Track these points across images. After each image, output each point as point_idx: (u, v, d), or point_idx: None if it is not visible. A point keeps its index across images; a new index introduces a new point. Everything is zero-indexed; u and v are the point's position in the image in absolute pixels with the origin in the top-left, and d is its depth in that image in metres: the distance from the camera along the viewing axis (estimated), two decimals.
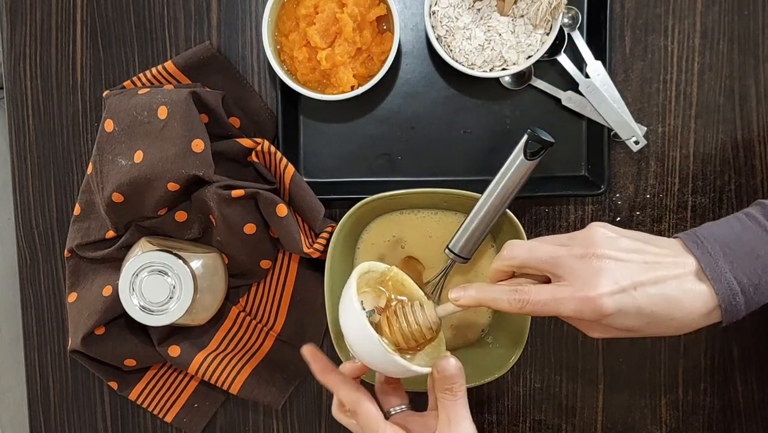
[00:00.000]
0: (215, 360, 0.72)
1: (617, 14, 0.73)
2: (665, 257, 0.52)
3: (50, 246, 0.77)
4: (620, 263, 0.51)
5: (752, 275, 0.50)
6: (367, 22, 0.68)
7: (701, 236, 0.52)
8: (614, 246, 0.51)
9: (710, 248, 0.51)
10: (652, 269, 0.51)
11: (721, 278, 0.50)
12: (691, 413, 0.76)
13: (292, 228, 0.68)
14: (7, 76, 0.76)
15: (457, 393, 0.55)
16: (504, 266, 0.55)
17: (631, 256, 0.51)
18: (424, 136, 0.75)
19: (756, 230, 0.52)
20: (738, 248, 0.51)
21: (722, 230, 0.53)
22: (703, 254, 0.51)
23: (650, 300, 0.50)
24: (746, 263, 0.51)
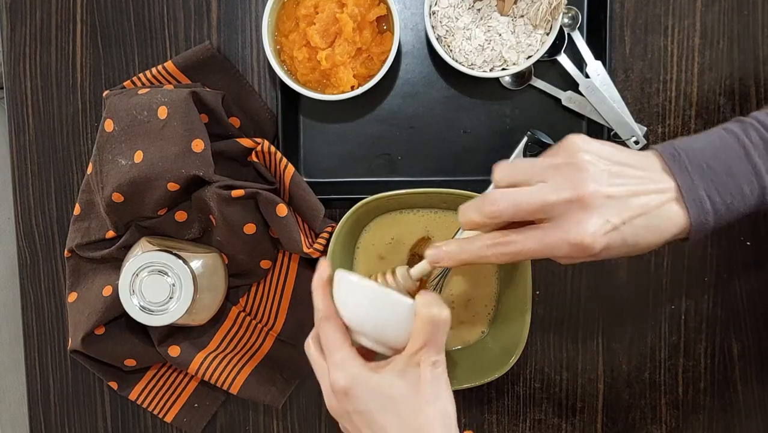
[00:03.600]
0: (215, 360, 0.72)
1: (617, 14, 0.73)
2: (647, 181, 0.50)
3: (50, 246, 0.77)
4: (610, 199, 0.48)
5: (725, 195, 0.49)
6: (367, 22, 0.68)
7: (679, 149, 0.51)
8: (601, 176, 0.49)
9: (688, 165, 0.50)
10: (637, 198, 0.49)
11: (698, 200, 0.49)
12: (691, 413, 0.76)
13: (292, 228, 0.68)
14: (7, 76, 0.76)
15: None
16: (486, 222, 0.51)
17: (620, 188, 0.49)
18: (424, 136, 0.75)
19: (734, 147, 0.50)
20: (716, 165, 0.50)
21: (701, 144, 0.51)
22: (682, 172, 0.49)
23: (635, 231, 0.49)
24: (721, 181, 0.49)
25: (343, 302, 0.54)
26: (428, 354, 0.51)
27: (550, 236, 0.49)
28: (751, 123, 0.51)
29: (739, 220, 0.51)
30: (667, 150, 0.51)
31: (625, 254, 0.50)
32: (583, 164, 0.49)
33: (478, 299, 0.72)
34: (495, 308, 0.72)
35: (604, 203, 0.48)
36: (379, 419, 0.50)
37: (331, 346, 0.53)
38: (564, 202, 0.48)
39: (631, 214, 0.48)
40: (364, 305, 0.52)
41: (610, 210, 0.48)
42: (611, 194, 0.48)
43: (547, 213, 0.49)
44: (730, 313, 0.75)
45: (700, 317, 0.75)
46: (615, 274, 0.75)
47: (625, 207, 0.49)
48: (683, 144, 0.51)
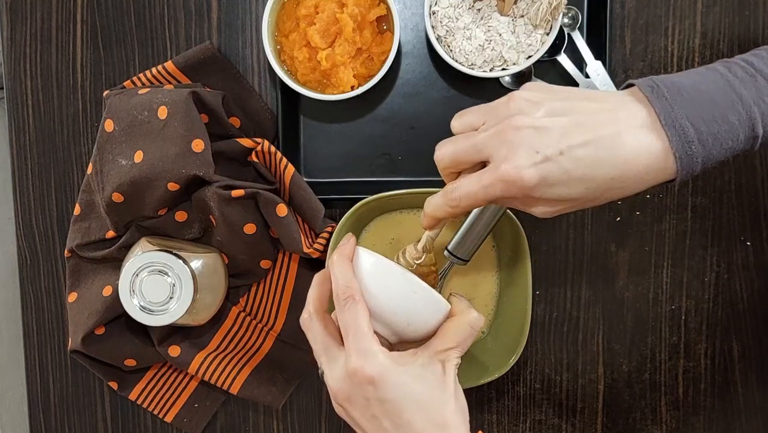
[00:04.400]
0: (215, 360, 0.72)
1: (617, 14, 0.73)
2: (603, 112, 0.47)
3: (50, 246, 0.77)
4: (541, 131, 0.46)
5: (710, 123, 0.46)
6: (367, 22, 0.68)
7: (657, 80, 0.48)
8: (536, 111, 0.47)
9: (667, 92, 0.47)
10: (583, 129, 0.46)
11: (676, 123, 0.46)
12: (691, 413, 0.76)
13: (292, 228, 0.68)
14: (7, 75, 0.76)
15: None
16: (442, 170, 0.51)
17: (557, 120, 0.46)
18: (424, 136, 0.75)
19: (716, 79, 0.48)
20: (698, 96, 0.47)
21: (680, 77, 0.48)
22: (659, 99, 0.46)
23: (579, 163, 0.46)
24: (704, 109, 0.46)
25: (369, 284, 0.52)
26: (456, 354, 0.52)
27: (485, 176, 0.48)
28: (735, 62, 0.49)
29: (730, 159, 0.49)
30: (645, 82, 0.48)
31: (586, 191, 0.47)
32: (518, 100, 0.48)
33: (478, 299, 0.72)
34: (495, 308, 0.72)
35: (533, 135, 0.46)
36: (405, 412, 0.50)
37: (357, 330, 0.51)
38: (490, 138, 0.48)
39: (571, 144, 0.46)
40: (396, 296, 0.52)
41: (542, 141, 0.46)
42: (542, 126, 0.46)
43: (480, 154, 0.48)
44: (730, 313, 0.75)
45: (700, 317, 0.75)
46: (615, 274, 0.75)
47: (563, 137, 0.46)
48: (661, 77, 0.48)
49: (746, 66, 0.48)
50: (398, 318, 0.52)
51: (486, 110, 0.50)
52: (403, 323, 0.52)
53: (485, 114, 0.50)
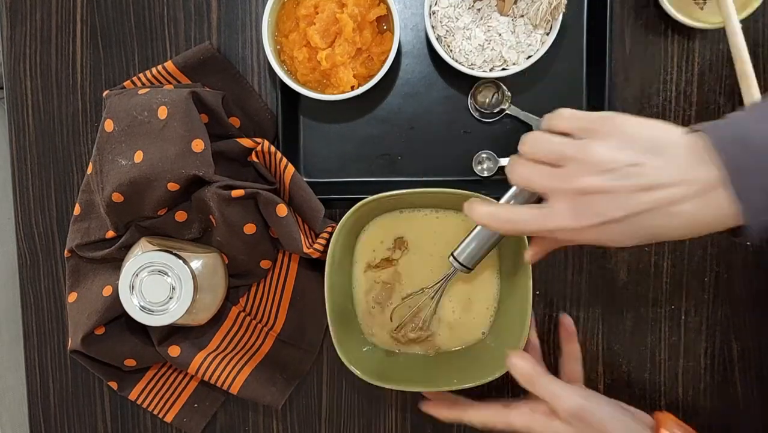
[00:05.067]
0: (215, 360, 0.72)
1: (617, 14, 0.73)
2: (670, 172, 0.46)
3: (50, 246, 0.77)
4: (608, 195, 0.48)
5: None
6: (367, 22, 0.68)
7: (731, 136, 0.45)
8: (603, 171, 0.48)
9: (742, 155, 0.44)
10: (648, 193, 0.47)
11: (751, 195, 0.44)
12: (691, 413, 0.76)
13: (292, 228, 0.68)
14: (7, 76, 0.76)
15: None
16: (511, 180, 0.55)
17: (624, 182, 0.47)
18: (424, 136, 0.75)
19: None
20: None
21: (757, 126, 0.45)
22: (734, 165, 0.44)
23: (640, 226, 0.48)
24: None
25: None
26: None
27: (548, 221, 0.50)
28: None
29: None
30: (716, 135, 0.46)
31: (639, 242, 0.49)
32: (591, 154, 0.49)
33: (478, 299, 0.72)
34: (496, 309, 0.72)
35: (600, 200, 0.48)
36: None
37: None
38: (559, 197, 0.50)
39: (635, 210, 0.47)
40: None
41: (608, 205, 0.48)
42: (610, 189, 0.48)
43: (547, 197, 0.51)
44: (730, 313, 0.75)
45: (700, 317, 0.75)
46: (615, 274, 0.75)
47: (628, 200, 0.47)
48: (736, 126, 0.46)
49: None
50: None
51: (562, 149, 0.51)
52: None
53: (561, 154, 0.51)
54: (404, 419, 0.77)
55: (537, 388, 0.61)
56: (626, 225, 0.48)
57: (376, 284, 0.72)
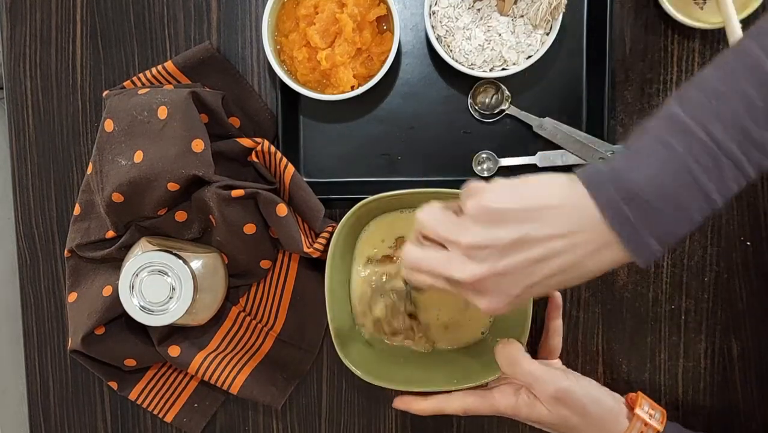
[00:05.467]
0: (215, 360, 0.72)
1: (617, 14, 0.73)
2: (558, 241, 0.46)
3: (50, 246, 0.77)
4: (503, 276, 0.48)
5: (676, 231, 0.45)
6: (367, 22, 0.68)
7: (614, 191, 0.45)
8: (491, 256, 0.47)
9: (628, 210, 0.45)
10: (543, 263, 0.47)
11: (642, 246, 0.45)
12: (691, 413, 0.76)
13: (292, 228, 0.68)
14: (7, 76, 0.76)
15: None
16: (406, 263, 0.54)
17: (515, 260, 0.47)
18: (424, 136, 0.75)
19: (678, 170, 0.45)
20: (661, 204, 0.45)
21: (637, 170, 0.45)
22: (620, 222, 0.45)
23: (546, 289, 0.49)
24: (670, 221, 0.45)
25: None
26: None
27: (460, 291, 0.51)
28: (697, 137, 0.45)
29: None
30: (600, 193, 0.46)
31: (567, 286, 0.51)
32: (467, 248, 0.48)
33: None
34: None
35: (498, 282, 0.48)
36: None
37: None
38: (460, 287, 0.50)
39: (535, 281, 0.48)
40: None
41: (508, 285, 0.48)
42: (504, 271, 0.48)
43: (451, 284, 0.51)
44: (730, 313, 0.75)
45: (700, 317, 0.75)
46: (615, 274, 0.75)
47: (526, 277, 0.48)
48: (615, 175, 0.46)
49: (706, 140, 0.45)
50: None
51: (447, 235, 0.50)
52: None
53: (447, 239, 0.50)
54: (404, 419, 0.77)
55: (518, 371, 0.61)
56: (534, 291, 0.49)
57: (376, 277, 0.71)
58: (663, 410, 0.64)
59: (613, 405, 0.62)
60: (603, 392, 0.63)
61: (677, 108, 0.46)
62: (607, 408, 0.61)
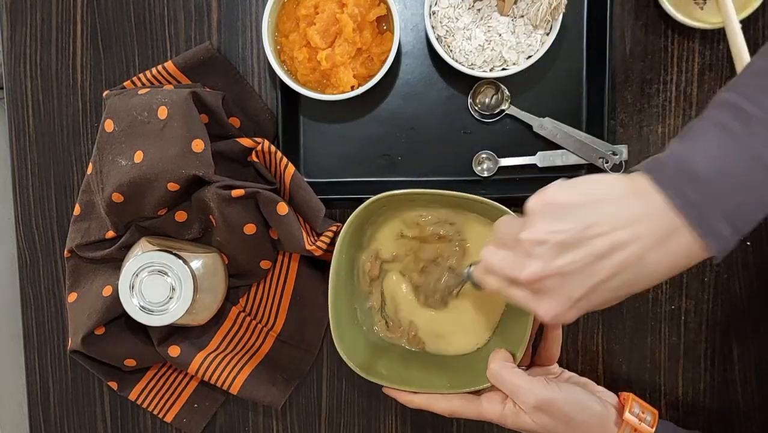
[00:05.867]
0: (215, 360, 0.72)
1: (617, 14, 0.73)
2: (621, 228, 0.44)
3: (50, 246, 0.77)
4: (566, 277, 0.45)
5: (747, 214, 0.43)
6: (367, 22, 0.68)
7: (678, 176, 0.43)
8: (553, 254, 0.45)
9: (693, 194, 0.42)
10: (606, 259, 0.44)
11: (712, 229, 0.43)
12: (691, 413, 0.76)
13: (293, 226, 0.68)
14: (7, 76, 0.76)
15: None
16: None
17: (577, 256, 0.44)
18: (424, 137, 0.75)
19: (740, 151, 0.43)
20: (726, 186, 0.42)
21: (699, 156, 0.43)
22: (687, 206, 0.42)
23: (611, 292, 0.46)
24: (739, 202, 0.43)
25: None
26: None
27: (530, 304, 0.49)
28: (750, 113, 0.43)
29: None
30: (664, 179, 0.44)
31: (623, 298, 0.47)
32: (528, 244, 0.47)
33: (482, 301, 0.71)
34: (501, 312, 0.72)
35: (560, 283, 0.46)
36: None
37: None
38: (523, 295, 0.49)
39: (598, 281, 0.45)
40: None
41: (571, 286, 0.46)
42: (566, 271, 0.45)
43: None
44: (730, 313, 0.75)
45: (700, 317, 0.75)
46: None
47: (589, 276, 0.45)
48: (679, 162, 0.44)
49: (763, 117, 0.43)
50: None
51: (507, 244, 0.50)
52: None
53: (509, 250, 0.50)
54: (404, 419, 0.77)
55: (500, 382, 0.61)
56: (595, 300, 0.46)
57: (404, 254, 0.71)
58: (654, 411, 0.63)
59: (601, 411, 0.60)
60: (590, 398, 0.61)
61: (727, 93, 0.45)
62: (595, 415, 0.60)
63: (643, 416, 0.61)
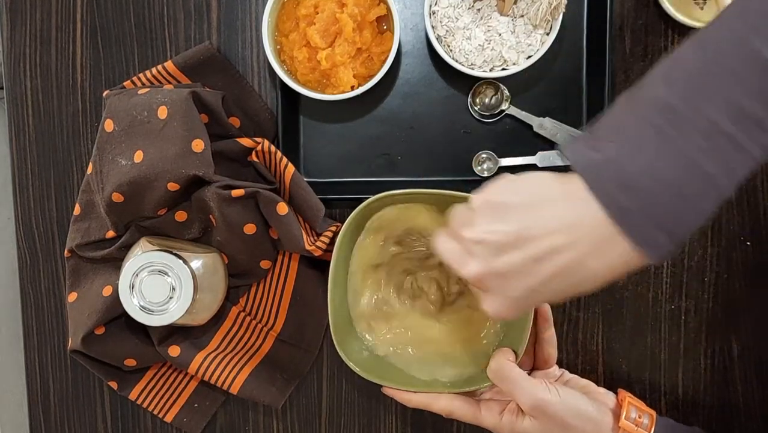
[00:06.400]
0: (215, 360, 0.72)
1: (617, 14, 0.73)
2: (558, 235, 0.44)
3: (50, 246, 0.77)
4: (503, 276, 0.46)
5: (683, 222, 0.42)
6: (367, 22, 0.68)
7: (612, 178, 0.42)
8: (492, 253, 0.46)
9: (626, 200, 0.42)
10: (542, 263, 0.45)
11: (647, 238, 0.42)
12: (691, 413, 0.76)
13: (293, 226, 0.68)
14: (7, 76, 0.76)
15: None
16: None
17: (514, 259, 0.45)
18: (424, 136, 0.75)
19: (676, 157, 0.42)
20: (662, 193, 0.42)
21: (636, 165, 0.42)
22: (622, 213, 0.42)
23: (549, 292, 0.46)
24: (674, 211, 0.42)
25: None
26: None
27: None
28: (686, 117, 0.42)
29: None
30: (596, 181, 0.43)
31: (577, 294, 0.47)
32: (468, 242, 0.48)
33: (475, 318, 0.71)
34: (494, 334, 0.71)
35: (497, 281, 0.47)
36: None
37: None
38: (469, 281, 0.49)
39: (536, 281, 0.45)
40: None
41: (508, 286, 0.46)
42: (502, 271, 0.46)
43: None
44: (730, 313, 0.75)
45: (700, 317, 0.75)
46: None
47: (526, 277, 0.46)
48: (612, 167, 0.43)
49: (702, 124, 0.41)
50: None
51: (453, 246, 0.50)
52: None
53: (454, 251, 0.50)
54: (404, 419, 0.77)
55: (500, 380, 0.61)
56: (537, 295, 0.47)
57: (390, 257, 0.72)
58: (652, 413, 0.63)
59: (597, 417, 0.60)
60: (587, 403, 0.61)
61: (664, 89, 0.43)
62: (591, 420, 0.60)
63: (640, 421, 0.60)
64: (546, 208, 0.45)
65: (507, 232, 0.46)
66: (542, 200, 0.46)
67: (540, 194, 0.46)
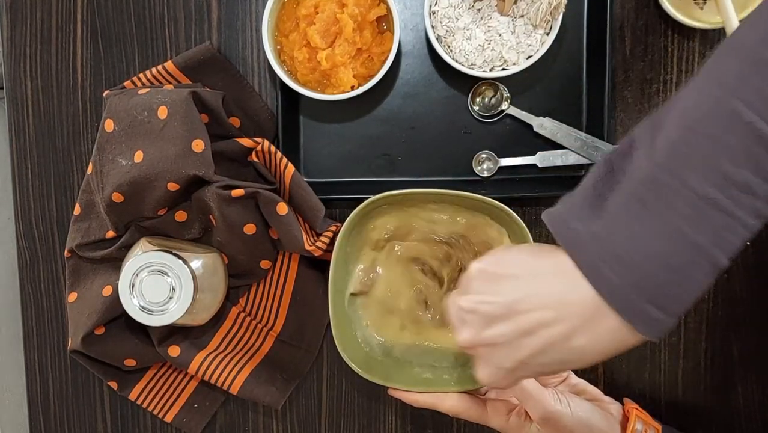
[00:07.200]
0: (215, 360, 0.72)
1: (617, 14, 0.73)
2: (547, 310, 0.44)
3: (50, 246, 0.77)
4: (493, 348, 0.46)
5: (675, 295, 0.41)
6: (367, 22, 0.68)
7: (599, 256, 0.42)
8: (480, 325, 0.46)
9: (616, 278, 0.41)
10: (531, 336, 0.44)
11: (640, 313, 0.41)
12: (691, 413, 0.76)
13: (293, 226, 0.68)
14: (7, 76, 0.76)
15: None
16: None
17: (503, 330, 0.45)
18: (424, 137, 0.75)
19: (662, 230, 0.41)
20: (650, 267, 0.41)
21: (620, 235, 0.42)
22: (610, 291, 0.41)
23: (538, 366, 0.46)
24: (664, 284, 0.41)
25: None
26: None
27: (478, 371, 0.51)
28: (670, 187, 0.41)
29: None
30: (583, 256, 0.43)
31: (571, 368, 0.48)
32: (462, 310, 0.48)
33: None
34: None
35: (488, 352, 0.47)
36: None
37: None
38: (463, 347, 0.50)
39: (525, 354, 0.45)
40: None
41: (499, 356, 0.47)
42: (492, 342, 0.46)
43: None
44: (730, 313, 0.75)
45: (700, 317, 0.75)
46: None
47: (515, 350, 0.45)
48: (599, 243, 0.42)
49: (687, 194, 0.40)
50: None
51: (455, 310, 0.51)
52: None
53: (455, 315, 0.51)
54: (404, 419, 0.77)
55: (514, 391, 0.61)
56: (528, 367, 0.46)
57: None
58: (657, 426, 0.63)
59: (604, 429, 0.61)
60: (596, 416, 0.61)
61: (646, 160, 0.42)
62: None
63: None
64: (537, 281, 0.45)
65: (498, 303, 0.46)
66: (534, 273, 0.46)
67: (532, 267, 0.46)
